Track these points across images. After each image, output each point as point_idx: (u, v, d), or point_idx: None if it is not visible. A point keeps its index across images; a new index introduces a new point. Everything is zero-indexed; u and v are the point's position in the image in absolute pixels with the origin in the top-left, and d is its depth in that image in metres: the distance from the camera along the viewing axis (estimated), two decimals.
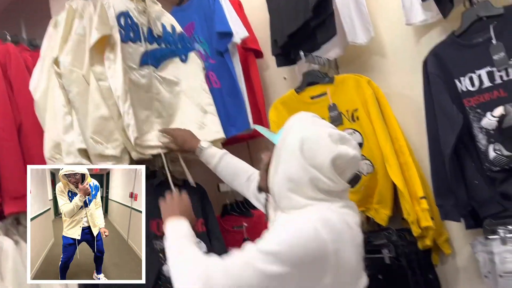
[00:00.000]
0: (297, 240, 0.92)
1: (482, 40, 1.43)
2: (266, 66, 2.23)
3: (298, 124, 1.09)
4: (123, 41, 1.49)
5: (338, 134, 1.05)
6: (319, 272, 0.93)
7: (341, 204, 1.04)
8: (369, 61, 1.89)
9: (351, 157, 1.03)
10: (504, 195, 1.42)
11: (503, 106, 1.38)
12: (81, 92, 1.43)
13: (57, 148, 1.48)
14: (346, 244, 0.97)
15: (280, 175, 1.06)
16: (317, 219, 0.95)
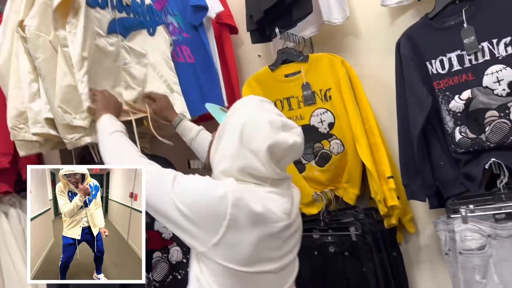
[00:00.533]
0: (204, 196, 0.99)
1: (454, 23, 1.44)
2: (240, 42, 2.20)
3: (243, 107, 1.10)
4: (90, 6, 1.41)
5: (281, 121, 1.05)
6: (211, 229, 0.98)
7: (269, 189, 1.06)
8: (343, 41, 1.89)
9: (289, 146, 1.03)
10: (467, 176, 1.46)
11: (471, 89, 1.41)
12: (47, 58, 1.36)
13: (21, 117, 1.42)
14: (248, 227, 0.98)
15: (218, 154, 1.08)
16: (233, 190, 0.99)
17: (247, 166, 1.03)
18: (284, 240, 1.07)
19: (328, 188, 1.73)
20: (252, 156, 1.02)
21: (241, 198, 0.98)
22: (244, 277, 1.02)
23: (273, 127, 1.03)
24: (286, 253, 1.08)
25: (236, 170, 1.04)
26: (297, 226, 1.13)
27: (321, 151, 1.72)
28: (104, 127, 1.25)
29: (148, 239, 1.47)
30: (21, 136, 1.43)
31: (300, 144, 1.07)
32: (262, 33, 1.89)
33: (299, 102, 1.76)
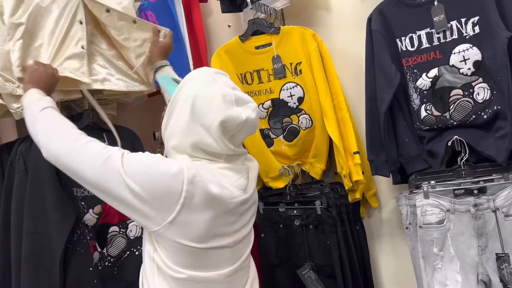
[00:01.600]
0: (158, 173, 0.96)
1: (425, 1, 1.44)
2: (210, 12, 2.13)
3: (195, 79, 1.05)
4: None
5: (234, 95, 1.02)
6: (166, 208, 0.96)
7: (223, 165, 1.04)
8: (315, 14, 1.86)
9: (243, 121, 1.00)
10: (430, 152, 1.50)
11: (438, 67, 1.43)
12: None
13: None
14: (202, 205, 0.97)
15: (169, 129, 1.04)
16: (188, 167, 0.96)
17: (199, 142, 1.00)
18: (239, 215, 1.06)
19: (295, 163, 1.74)
20: (204, 132, 0.99)
21: (196, 175, 0.96)
22: (199, 253, 1.01)
23: (226, 101, 1.00)
24: (241, 227, 1.08)
25: (187, 145, 1.01)
26: (253, 200, 1.12)
27: (290, 126, 1.71)
28: (32, 103, 1.14)
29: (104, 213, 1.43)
30: None
31: (254, 119, 1.04)
32: (232, 2, 1.83)
33: (269, 75, 1.74)
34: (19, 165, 1.29)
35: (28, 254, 1.25)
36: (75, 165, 0.99)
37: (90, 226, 1.38)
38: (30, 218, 1.26)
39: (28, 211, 1.26)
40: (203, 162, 1.01)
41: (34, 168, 1.27)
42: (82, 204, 1.37)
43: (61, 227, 1.27)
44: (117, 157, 0.97)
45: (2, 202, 1.31)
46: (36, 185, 1.27)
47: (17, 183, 1.28)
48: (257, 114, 1.06)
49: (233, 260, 1.08)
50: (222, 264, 1.06)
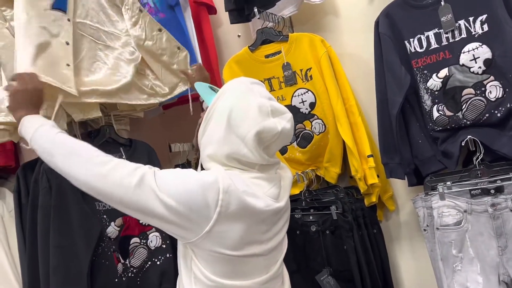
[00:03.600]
0: (193, 184, 0.96)
1: (432, 1, 1.44)
2: (219, 22, 2.16)
3: (232, 89, 1.07)
4: None
5: (270, 105, 1.03)
6: (203, 218, 0.96)
7: (255, 175, 1.05)
8: (323, 20, 1.87)
9: (278, 132, 1.01)
10: (444, 153, 1.49)
11: (448, 67, 1.43)
12: (6, 45, 1.30)
13: None
14: (237, 214, 0.98)
15: (205, 137, 1.07)
16: (223, 177, 0.97)
17: (234, 152, 1.02)
18: (272, 223, 1.08)
19: (309, 168, 1.74)
20: (240, 142, 1.00)
21: (231, 184, 0.97)
22: (235, 261, 1.02)
23: (262, 112, 1.01)
24: (274, 235, 1.09)
25: (223, 155, 1.03)
26: (285, 208, 1.13)
27: (303, 132, 1.72)
28: (36, 134, 1.05)
29: (125, 225, 1.47)
30: None
31: (289, 130, 1.06)
32: (240, 13, 1.86)
33: (280, 82, 1.75)
34: (43, 182, 1.33)
35: (56, 268, 1.28)
36: (109, 190, 0.97)
37: (113, 239, 1.42)
38: (56, 233, 1.29)
39: (54, 226, 1.30)
40: (236, 172, 1.03)
41: (57, 185, 1.32)
42: (104, 218, 1.41)
43: (87, 240, 1.31)
44: (149, 176, 0.97)
45: (29, 219, 1.36)
46: (60, 201, 1.31)
47: (42, 200, 1.33)
48: (292, 124, 1.07)
49: (268, 268, 1.09)
50: (257, 272, 1.07)
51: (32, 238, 1.35)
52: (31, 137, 1.06)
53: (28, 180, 1.42)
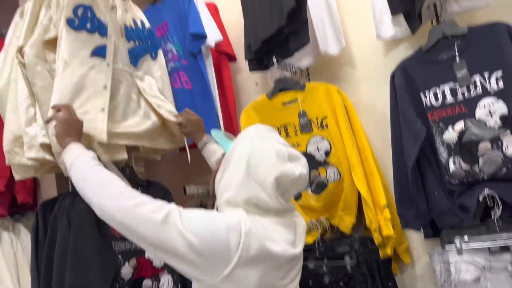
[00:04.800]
0: (216, 225, 0.96)
1: (447, 57, 1.48)
2: (238, 70, 2.24)
3: (249, 136, 1.11)
4: (75, 29, 1.42)
5: (287, 151, 1.05)
6: (223, 260, 0.95)
7: (274, 220, 1.05)
8: (339, 71, 1.93)
9: (296, 177, 1.03)
10: (461, 207, 1.47)
11: (463, 121, 1.44)
12: (45, 86, 1.37)
13: (17, 141, 1.43)
14: (257, 258, 0.97)
15: (223, 183, 1.08)
16: (245, 219, 0.98)
17: (253, 197, 1.03)
18: (287, 270, 1.06)
19: (323, 216, 1.73)
20: (258, 187, 1.02)
21: (252, 228, 0.97)
22: None
23: (280, 157, 1.03)
24: (289, 282, 1.08)
25: (241, 200, 1.04)
26: (300, 255, 1.13)
27: (318, 179, 1.73)
28: (76, 160, 1.15)
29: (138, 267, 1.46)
30: (16, 160, 1.43)
31: (306, 175, 1.07)
32: (259, 62, 1.94)
33: (296, 129, 1.78)
34: (62, 220, 1.35)
35: None
36: (134, 225, 0.99)
37: (126, 280, 1.42)
38: (72, 272, 1.30)
39: (71, 266, 1.30)
40: (256, 216, 1.03)
41: (76, 223, 1.34)
42: (119, 258, 1.41)
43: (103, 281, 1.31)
44: (175, 213, 0.98)
45: (45, 256, 1.37)
46: (78, 240, 1.32)
47: (60, 238, 1.34)
48: (308, 169, 1.09)
49: None
50: None
51: (47, 276, 1.35)
52: (71, 164, 1.16)
53: (47, 217, 1.44)
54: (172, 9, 1.97)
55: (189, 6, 1.91)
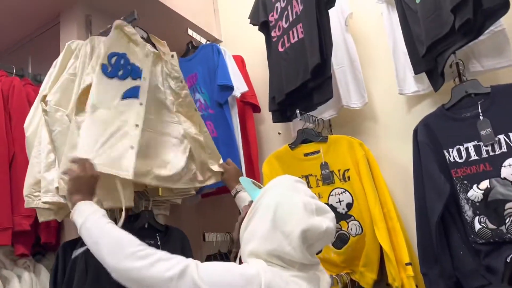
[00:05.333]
0: (235, 276, 0.95)
1: (470, 115, 1.49)
2: (262, 120, 2.30)
3: (277, 187, 1.10)
4: (107, 76, 1.48)
5: (314, 204, 1.04)
6: None
7: (296, 273, 1.02)
8: (361, 125, 1.96)
9: (323, 231, 1.02)
10: (488, 268, 1.42)
11: (489, 179, 1.43)
12: (63, 131, 1.42)
13: (37, 185, 1.48)
14: None
15: (248, 232, 1.07)
16: (265, 270, 0.96)
17: (277, 249, 1.01)
18: None
19: (344, 271, 1.69)
20: (284, 239, 1.00)
21: (272, 280, 0.95)
22: None
23: (307, 210, 1.02)
24: None
25: (264, 251, 1.02)
26: None
27: (339, 232, 1.71)
28: (87, 220, 1.12)
29: None
30: (34, 204, 1.49)
31: (333, 229, 1.05)
32: (283, 114, 1.99)
33: (317, 180, 1.79)
34: (80, 264, 1.36)
35: None
36: (150, 283, 0.97)
37: None
38: None
39: None
40: (277, 269, 1.01)
41: (94, 269, 1.34)
42: None
43: None
44: (192, 268, 0.96)
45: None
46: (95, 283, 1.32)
47: (76, 283, 1.34)
48: (335, 224, 1.07)
49: None
50: None
51: None
52: (82, 224, 1.12)
53: (67, 259, 1.45)
54: (202, 62, 2.08)
55: (218, 60, 2.01)
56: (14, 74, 1.91)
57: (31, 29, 2.13)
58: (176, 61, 1.73)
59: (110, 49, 1.53)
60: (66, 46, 1.59)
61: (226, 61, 2.01)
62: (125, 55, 1.57)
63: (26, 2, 1.92)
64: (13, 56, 2.25)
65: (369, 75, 1.95)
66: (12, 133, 1.71)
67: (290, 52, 1.87)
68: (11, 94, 1.76)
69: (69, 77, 1.51)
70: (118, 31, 1.56)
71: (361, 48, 1.96)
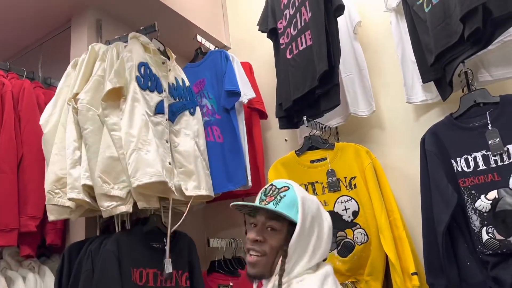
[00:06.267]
0: None
1: (479, 124, 1.48)
2: (268, 127, 2.30)
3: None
4: (142, 89, 1.56)
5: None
6: None
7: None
8: (369, 132, 1.95)
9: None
10: (496, 279, 1.40)
11: (497, 190, 1.41)
12: (95, 130, 1.48)
13: (59, 182, 1.50)
14: None
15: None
16: None
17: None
18: None
19: (349, 280, 1.68)
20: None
21: None
22: None
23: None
24: None
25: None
26: None
27: (344, 240, 1.69)
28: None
29: None
30: (55, 200, 1.50)
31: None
32: (289, 120, 1.99)
33: (323, 187, 1.78)
34: (87, 264, 1.37)
35: None
36: None
37: None
38: None
39: None
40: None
41: (100, 268, 1.35)
42: None
43: None
44: None
45: None
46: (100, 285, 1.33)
47: (83, 282, 1.35)
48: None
49: None
50: None
51: None
52: None
53: (73, 261, 1.46)
54: (210, 68, 2.09)
55: (226, 66, 2.02)
56: (25, 76, 1.93)
57: (42, 33, 2.16)
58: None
59: (138, 59, 1.58)
60: (90, 48, 1.65)
61: (234, 67, 2.02)
62: (147, 65, 1.62)
63: (38, 6, 1.95)
64: (24, 59, 2.28)
65: (377, 84, 1.95)
66: (21, 135, 1.73)
67: (298, 59, 1.88)
68: (21, 97, 1.78)
69: (99, 79, 1.56)
70: (135, 40, 1.62)
71: (370, 56, 1.96)
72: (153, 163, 1.45)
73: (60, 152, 1.52)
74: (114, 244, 1.42)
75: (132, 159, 1.42)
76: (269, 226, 1.08)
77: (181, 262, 1.64)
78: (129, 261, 1.43)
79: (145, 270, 1.47)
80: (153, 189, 1.49)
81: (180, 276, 1.61)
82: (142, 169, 1.42)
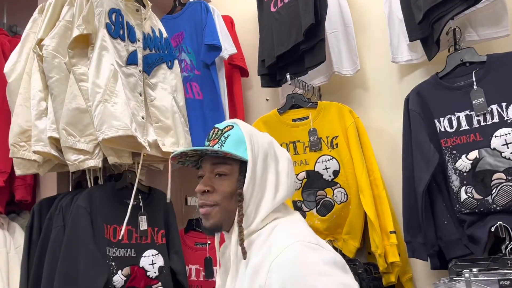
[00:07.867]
0: None
1: (464, 84, 1.47)
2: (250, 85, 2.23)
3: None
4: (113, 37, 1.45)
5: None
6: None
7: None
8: (352, 92, 1.92)
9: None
10: (471, 238, 1.42)
11: (478, 150, 1.41)
12: (61, 79, 1.37)
13: (24, 134, 1.41)
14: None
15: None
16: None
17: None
18: None
19: (327, 239, 1.68)
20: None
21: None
22: None
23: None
24: None
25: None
26: None
27: (324, 199, 1.69)
28: None
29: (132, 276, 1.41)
30: (20, 154, 1.41)
31: None
32: (272, 78, 1.93)
33: (305, 147, 1.75)
34: (57, 220, 1.31)
35: None
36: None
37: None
38: (61, 278, 1.26)
39: (60, 269, 1.26)
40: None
41: (71, 225, 1.29)
42: (113, 265, 1.36)
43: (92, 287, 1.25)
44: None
45: (36, 256, 1.32)
46: (71, 242, 1.28)
47: (54, 238, 1.30)
48: None
49: None
50: None
51: (36, 279, 1.30)
52: None
53: (43, 216, 1.40)
54: (189, 20, 1.98)
55: (206, 18, 1.92)
56: None
57: None
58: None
59: (109, 5, 1.46)
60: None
61: (214, 20, 1.92)
62: (120, 12, 1.51)
63: None
64: None
65: (362, 42, 1.90)
66: None
67: (282, 12, 1.80)
68: None
69: (67, 24, 1.44)
70: None
71: (356, 13, 1.90)
72: (120, 116, 1.35)
73: (25, 103, 1.42)
74: (85, 200, 1.35)
75: (98, 111, 1.33)
76: (217, 172, 0.94)
77: (157, 220, 1.60)
78: (101, 217, 1.38)
79: (119, 226, 1.43)
80: (122, 143, 1.40)
81: (156, 233, 1.58)
82: (108, 122, 1.33)
